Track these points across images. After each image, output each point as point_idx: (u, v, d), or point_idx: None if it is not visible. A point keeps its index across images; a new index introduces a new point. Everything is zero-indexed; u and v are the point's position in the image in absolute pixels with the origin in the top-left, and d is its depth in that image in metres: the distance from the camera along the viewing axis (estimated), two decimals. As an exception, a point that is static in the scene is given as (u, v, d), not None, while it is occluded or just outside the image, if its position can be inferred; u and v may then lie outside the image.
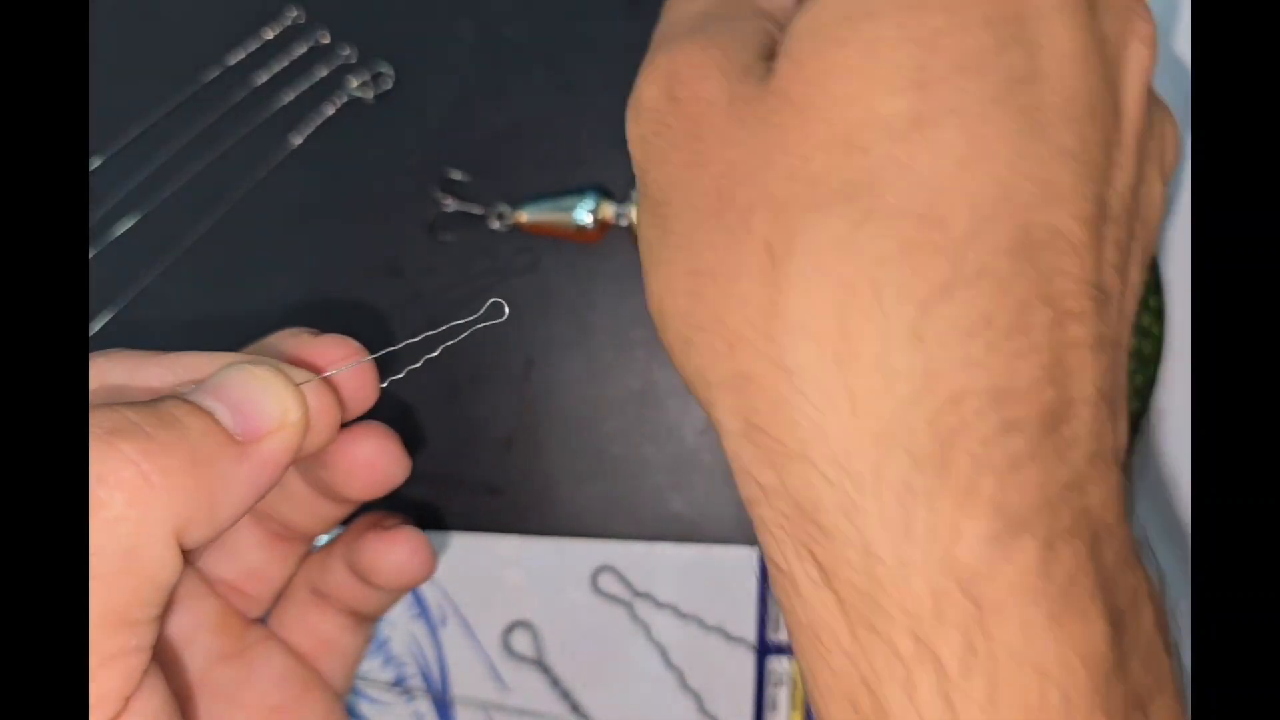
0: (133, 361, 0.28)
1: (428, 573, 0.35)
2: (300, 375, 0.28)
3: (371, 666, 0.46)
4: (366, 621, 0.38)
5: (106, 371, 0.28)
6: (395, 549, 0.34)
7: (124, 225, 0.48)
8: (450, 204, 0.49)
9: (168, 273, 0.49)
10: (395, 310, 0.49)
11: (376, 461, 0.32)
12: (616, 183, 0.49)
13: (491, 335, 0.50)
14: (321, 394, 0.28)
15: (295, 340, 0.30)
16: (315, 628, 0.36)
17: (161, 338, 0.49)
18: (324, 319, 0.49)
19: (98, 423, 0.24)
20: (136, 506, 0.23)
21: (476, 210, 0.49)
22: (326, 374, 0.29)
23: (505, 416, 0.49)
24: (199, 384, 0.27)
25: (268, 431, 0.26)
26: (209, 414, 0.26)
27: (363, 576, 0.34)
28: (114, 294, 0.48)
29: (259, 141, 0.49)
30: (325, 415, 0.28)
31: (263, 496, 0.27)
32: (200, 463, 0.25)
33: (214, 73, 0.49)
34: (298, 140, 0.49)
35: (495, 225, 0.49)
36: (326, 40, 0.49)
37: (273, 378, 0.27)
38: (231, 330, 0.49)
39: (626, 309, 0.49)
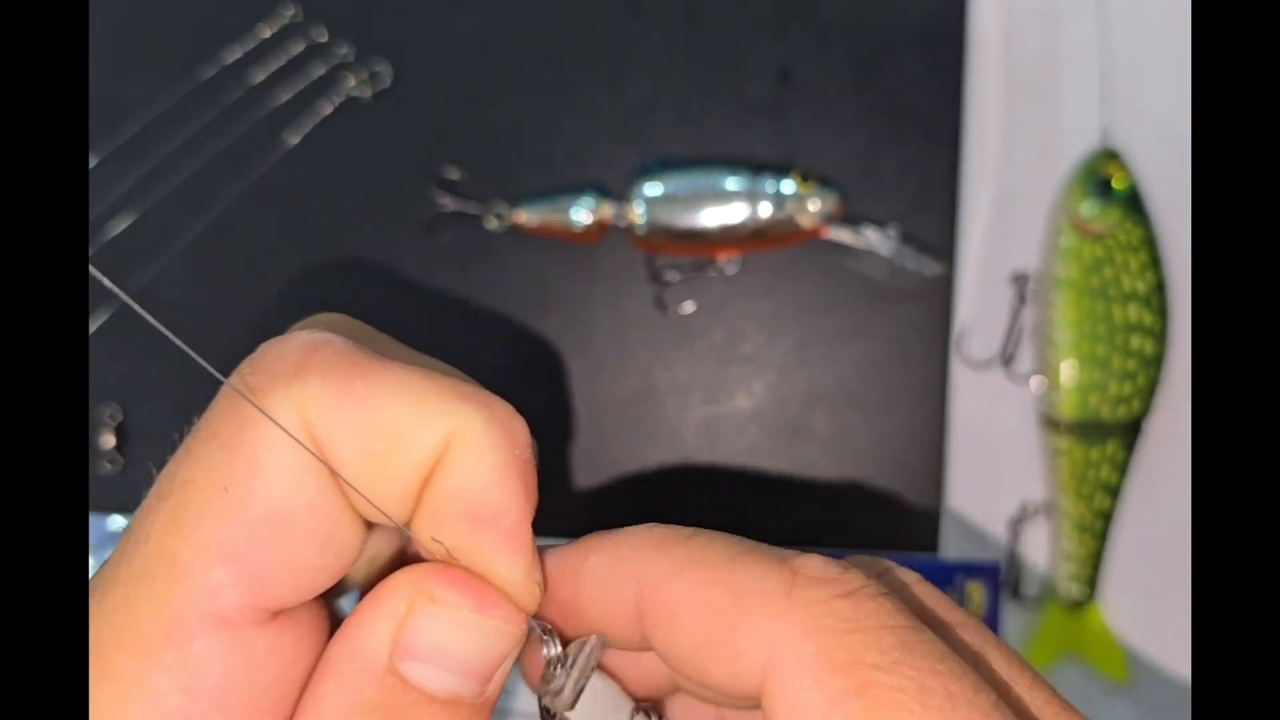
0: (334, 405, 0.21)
1: None
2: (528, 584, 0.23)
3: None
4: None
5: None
6: None
7: (120, 224, 0.48)
8: (448, 203, 0.49)
9: (163, 272, 0.48)
10: (392, 310, 0.48)
11: None
12: (615, 182, 0.49)
13: (490, 335, 0.50)
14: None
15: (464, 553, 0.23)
16: None
17: (159, 337, 0.48)
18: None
19: None
20: None
21: (474, 210, 0.49)
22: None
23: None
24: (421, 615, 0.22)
25: (500, 676, 0.23)
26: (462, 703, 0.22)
27: None
28: (109, 292, 0.48)
29: (255, 140, 0.49)
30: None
31: None
32: None
33: (210, 71, 0.49)
34: (294, 139, 0.49)
35: (493, 225, 0.48)
36: (324, 38, 0.49)
37: (508, 630, 0.22)
38: (229, 329, 0.49)
39: (626, 309, 0.49)
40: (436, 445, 0.22)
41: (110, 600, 0.21)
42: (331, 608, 0.24)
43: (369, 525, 0.23)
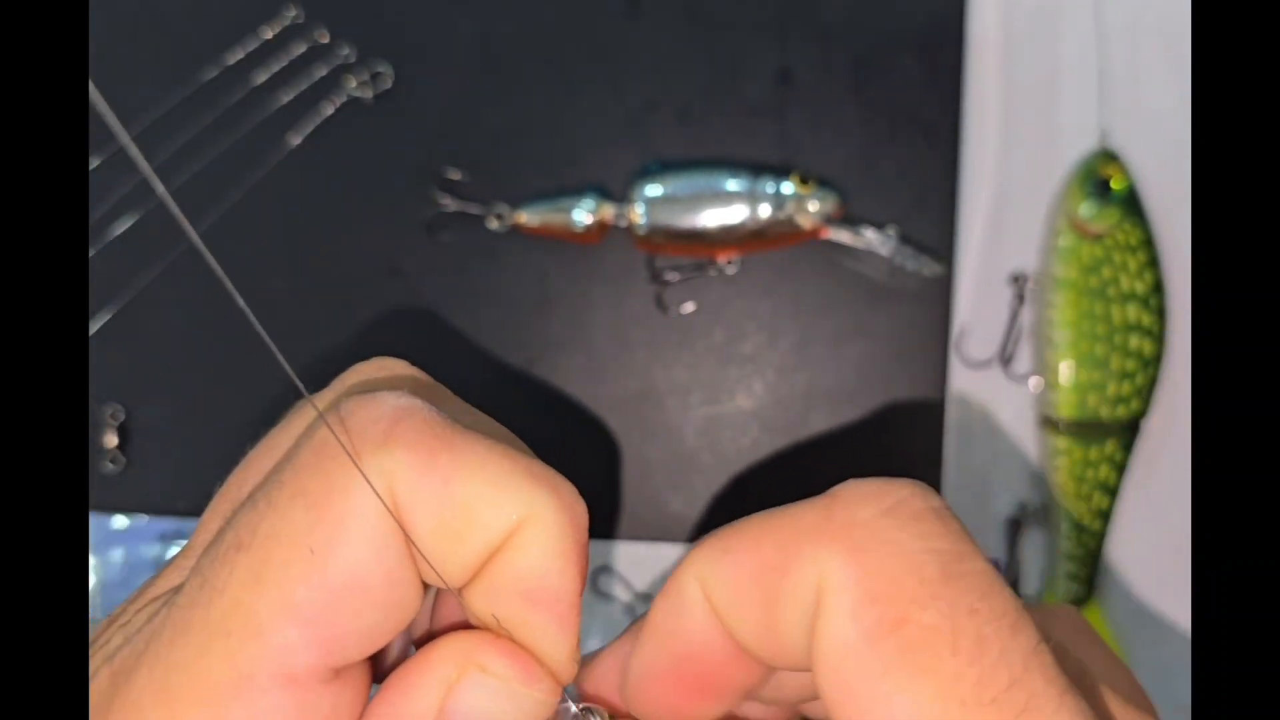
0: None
1: None
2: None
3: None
4: None
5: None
6: None
7: (122, 225, 0.48)
8: (449, 204, 0.49)
9: (166, 273, 0.49)
10: (393, 311, 0.49)
11: None
12: (616, 183, 0.49)
13: (490, 335, 0.50)
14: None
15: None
16: None
17: (161, 337, 0.49)
18: (322, 319, 0.49)
19: None
20: None
21: (475, 210, 0.49)
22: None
23: (505, 416, 0.48)
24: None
25: None
26: None
27: None
28: (113, 293, 0.48)
29: (257, 141, 0.49)
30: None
31: None
32: None
33: (212, 72, 0.49)
34: (296, 140, 0.49)
35: (494, 226, 0.49)
36: (325, 39, 0.49)
37: (547, 701, 0.23)
38: (230, 330, 0.49)
39: (626, 309, 0.49)
40: (509, 526, 0.22)
41: (181, 648, 0.21)
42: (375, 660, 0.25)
43: (426, 588, 0.23)
